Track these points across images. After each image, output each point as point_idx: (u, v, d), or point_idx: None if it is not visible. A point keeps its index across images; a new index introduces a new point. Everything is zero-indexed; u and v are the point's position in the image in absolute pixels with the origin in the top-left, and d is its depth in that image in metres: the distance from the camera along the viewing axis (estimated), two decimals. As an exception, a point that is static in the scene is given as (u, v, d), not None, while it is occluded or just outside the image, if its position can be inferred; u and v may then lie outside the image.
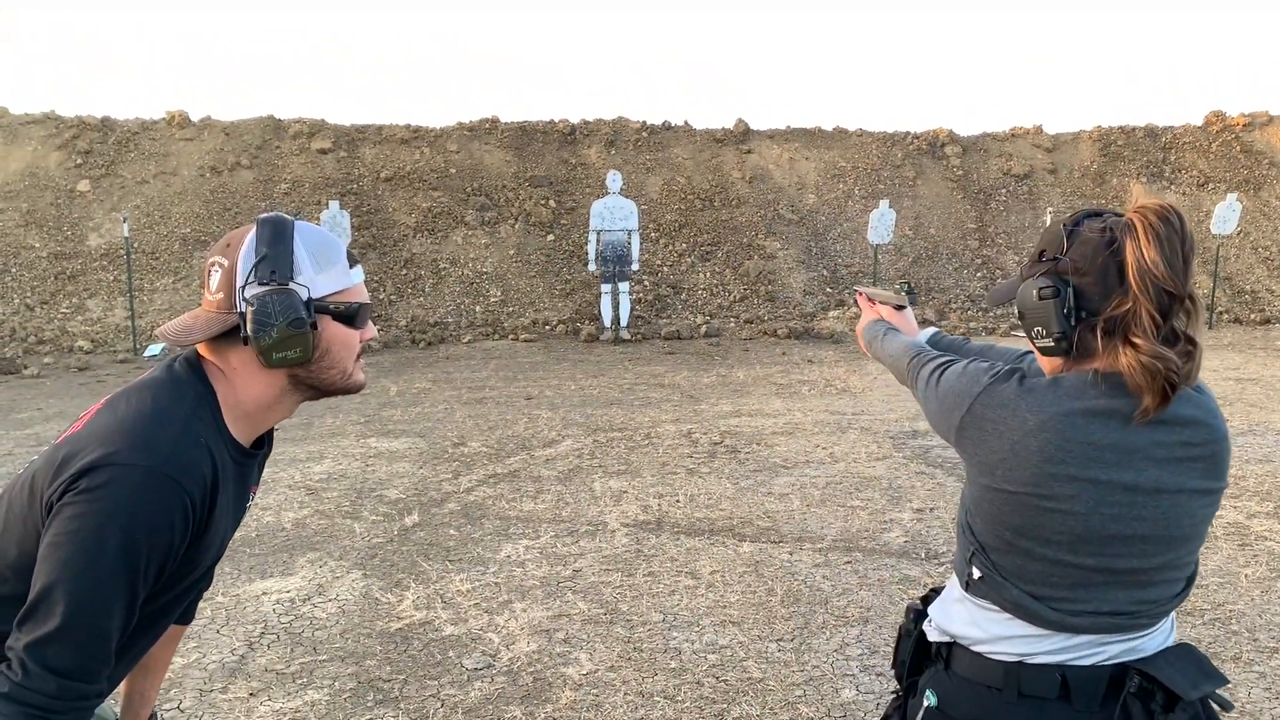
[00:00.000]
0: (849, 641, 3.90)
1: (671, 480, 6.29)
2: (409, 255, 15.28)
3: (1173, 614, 1.53)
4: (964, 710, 1.52)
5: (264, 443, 1.54)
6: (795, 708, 3.38)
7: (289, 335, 1.37)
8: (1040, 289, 1.46)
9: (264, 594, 4.44)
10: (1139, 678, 1.43)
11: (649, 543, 5.08)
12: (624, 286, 13.50)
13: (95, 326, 13.41)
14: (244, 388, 1.43)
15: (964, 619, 1.55)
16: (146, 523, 1.26)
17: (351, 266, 1.48)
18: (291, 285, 1.38)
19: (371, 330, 1.54)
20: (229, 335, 1.41)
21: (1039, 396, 1.44)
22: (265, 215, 1.42)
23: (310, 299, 1.40)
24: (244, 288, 1.38)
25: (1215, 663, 3.63)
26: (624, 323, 13.57)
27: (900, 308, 2.21)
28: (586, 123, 18.06)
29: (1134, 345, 1.38)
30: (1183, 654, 1.48)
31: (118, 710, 1.74)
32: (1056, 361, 1.50)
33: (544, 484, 6.24)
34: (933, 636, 1.62)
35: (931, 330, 2.14)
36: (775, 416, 8.37)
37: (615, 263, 13.40)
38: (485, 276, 15.11)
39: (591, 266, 13.69)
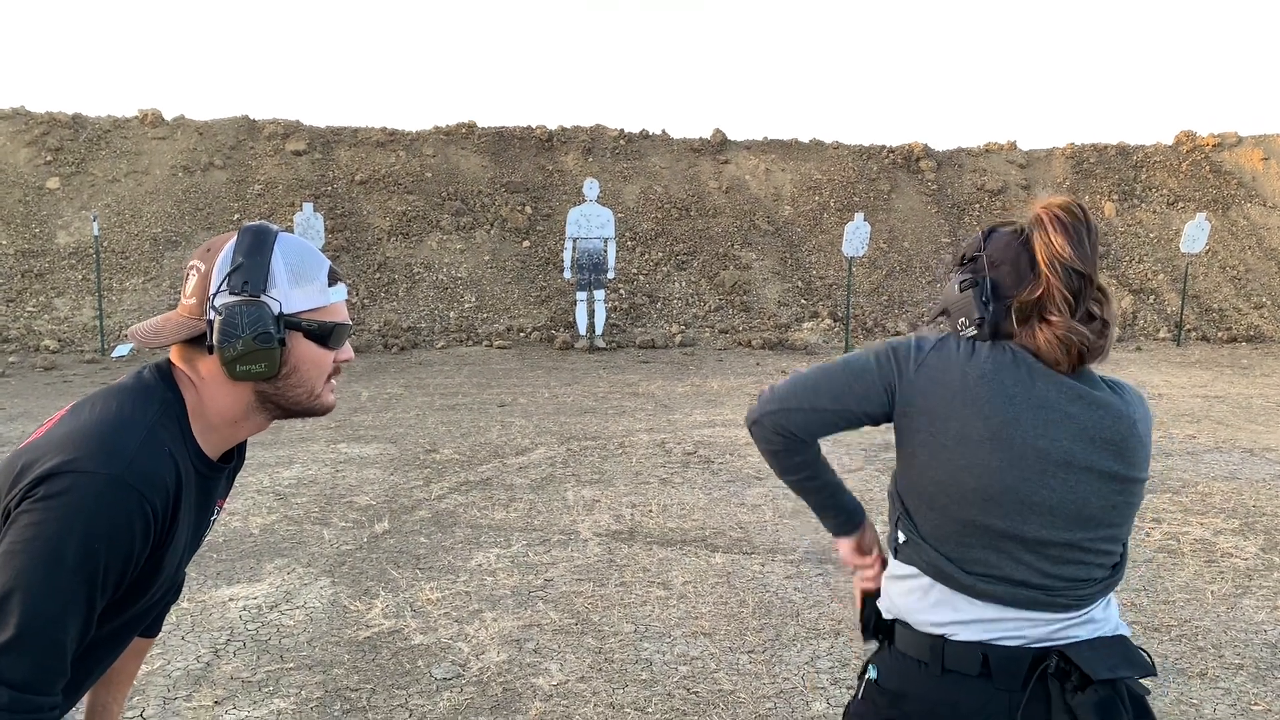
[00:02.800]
0: (820, 654, 3.90)
1: (644, 490, 6.28)
2: (383, 259, 15.19)
3: (1110, 608, 1.56)
4: (895, 683, 1.57)
5: (233, 456, 1.51)
6: (766, 720, 3.37)
7: (255, 349, 1.34)
8: (960, 282, 1.59)
9: (230, 600, 4.38)
10: (1057, 659, 1.47)
11: (621, 553, 5.07)
12: (599, 294, 13.49)
13: (62, 326, 13.23)
14: (211, 399, 1.40)
15: (896, 590, 1.61)
16: (106, 532, 1.23)
17: (332, 284, 1.45)
18: (263, 298, 1.36)
19: (348, 352, 1.50)
20: (199, 342, 1.38)
21: (974, 360, 1.54)
22: (250, 224, 1.40)
23: (281, 314, 1.37)
24: (215, 295, 1.35)
25: (1181, 679, 3.67)
26: (599, 331, 13.56)
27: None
28: (564, 129, 18.05)
29: (1049, 323, 1.49)
30: (1111, 643, 1.52)
31: (80, 721, 1.71)
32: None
33: (516, 492, 6.21)
34: (885, 614, 1.67)
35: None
36: (748, 427, 8.37)
37: (591, 270, 13.39)
38: (460, 282, 15.04)
39: (567, 274, 13.67)
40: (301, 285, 1.40)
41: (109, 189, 15.32)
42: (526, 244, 15.89)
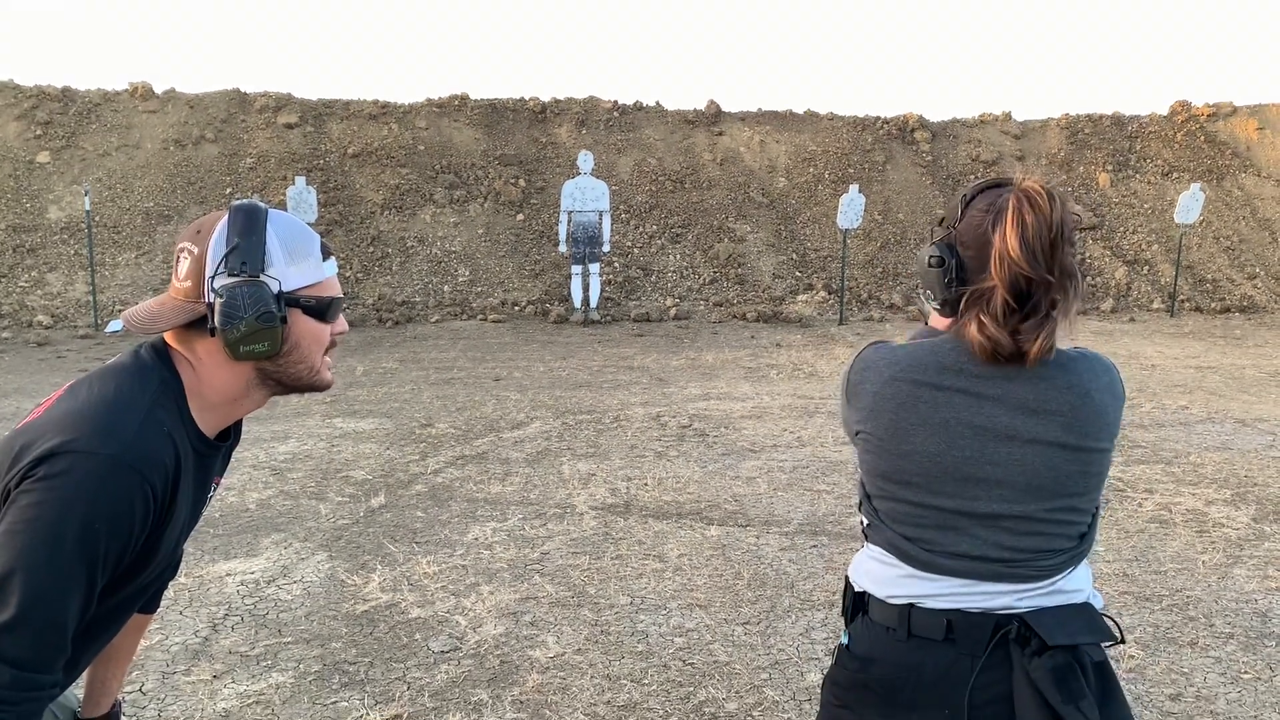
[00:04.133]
0: (814, 625, 3.93)
1: (640, 463, 6.30)
2: (376, 233, 15.14)
3: (1079, 577, 1.56)
4: (865, 648, 1.60)
5: (230, 434, 1.52)
6: (761, 691, 3.40)
7: (257, 329, 1.34)
8: (930, 257, 1.59)
9: (228, 575, 4.40)
10: (1018, 625, 1.49)
11: (617, 526, 5.09)
12: (594, 268, 13.46)
13: (55, 301, 13.18)
14: (210, 379, 1.41)
15: (865, 569, 1.64)
16: (106, 511, 1.24)
17: (325, 259, 1.46)
18: (262, 277, 1.36)
19: (343, 324, 1.52)
20: (196, 325, 1.38)
21: (897, 353, 1.58)
22: (239, 202, 1.39)
23: (281, 292, 1.38)
24: (213, 278, 1.35)
25: (1171, 648, 3.71)
26: (593, 304, 13.54)
27: None
28: (557, 101, 17.94)
29: (980, 321, 1.48)
30: (1074, 611, 1.53)
31: (80, 696, 1.72)
32: (947, 321, 1.61)
33: (512, 466, 6.22)
34: (856, 587, 1.70)
35: None
36: (743, 400, 8.40)
37: (586, 244, 13.35)
38: (453, 256, 15.00)
39: (562, 247, 13.63)
40: (297, 262, 1.41)
41: (100, 163, 15.22)
42: (520, 217, 15.83)
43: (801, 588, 4.31)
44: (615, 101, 18.11)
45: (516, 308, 14.11)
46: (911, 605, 1.55)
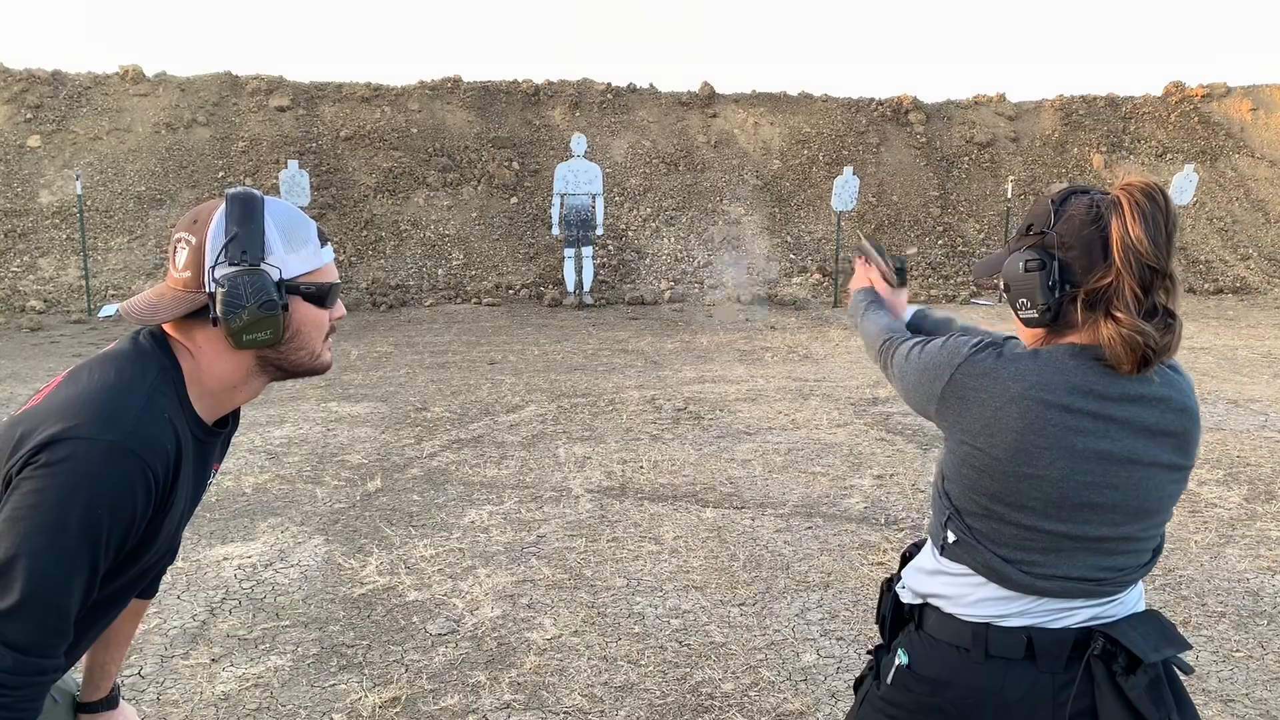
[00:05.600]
0: (809, 606, 3.96)
1: (635, 446, 6.31)
2: (369, 216, 15.10)
3: (1140, 582, 1.58)
4: (933, 670, 1.56)
5: (228, 421, 1.52)
6: (757, 671, 3.43)
7: (260, 317, 1.35)
8: (1027, 261, 1.50)
9: (225, 559, 4.41)
10: (1103, 641, 1.47)
11: (613, 508, 5.11)
12: (588, 251, 13.44)
13: (48, 286, 13.14)
14: (210, 367, 1.41)
15: (938, 583, 1.59)
16: (108, 497, 1.24)
17: (323, 245, 1.46)
18: (263, 266, 1.36)
19: (341, 309, 1.52)
20: (196, 314, 1.38)
21: (1020, 365, 1.50)
22: (235, 190, 1.39)
23: (282, 280, 1.38)
24: (214, 267, 1.35)
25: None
26: (587, 287, 13.53)
27: (892, 285, 2.15)
28: (550, 83, 17.87)
29: (1115, 318, 1.43)
30: (1147, 620, 1.53)
31: (79, 680, 1.73)
32: (1038, 333, 1.55)
33: (508, 450, 6.23)
34: (905, 599, 1.67)
35: (915, 308, 2.14)
36: (738, 383, 8.41)
37: (579, 227, 13.33)
38: (447, 239, 14.97)
39: (555, 230, 13.61)
40: (296, 249, 1.41)
41: (91, 147, 15.14)
42: (514, 200, 15.80)
43: (797, 569, 4.33)
44: (609, 84, 18.04)
45: (511, 291, 14.10)
46: (989, 625, 1.52)
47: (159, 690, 3.27)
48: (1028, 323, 1.53)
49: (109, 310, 12.31)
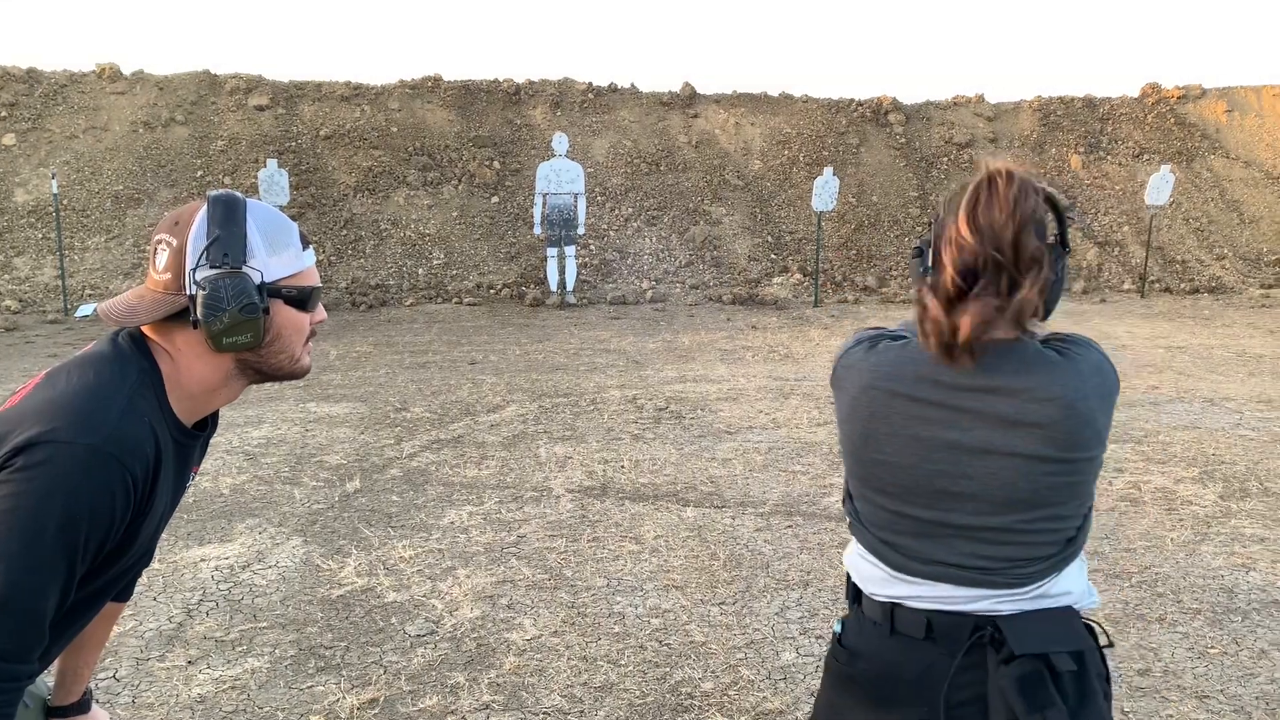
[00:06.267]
0: (789, 605, 3.96)
1: (616, 446, 6.31)
2: (349, 215, 15.02)
3: (1069, 579, 1.53)
4: (853, 640, 1.61)
5: (207, 424, 1.51)
6: (737, 670, 3.43)
7: (241, 320, 1.34)
8: (913, 248, 1.57)
9: (202, 561, 4.38)
10: (991, 629, 1.48)
11: (594, 508, 5.10)
12: (570, 250, 13.42)
13: (23, 286, 13.01)
14: (189, 369, 1.40)
15: (854, 564, 1.64)
16: (87, 501, 1.23)
17: (304, 248, 1.46)
18: (244, 269, 1.35)
19: (322, 313, 1.52)
20: (176, 316, 1.37)
21: (880, 357, 1.53)
22: (217, 193, 1.39)
23: (263, 283, 1.38)
24: (195, 270, 1.34)
25: (1140, 624, 3.76)
26: (569, 287, 13.52)
27: None
28: (531, 82, 17.83)
29: (924, 305, 1.45)
30: (1051, 615, 1.50)
31: (50, 684, 1.71)
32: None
33: (488, 450, 6.22)
34: (852, 578, 1.70)
35: None
36: (719, 382, 8.42)
37: (561, 226, 13.31)
38: (428, 238, 14.91)
39: (538, 230, 13.58)
40: (278, 252, 1.40)
41: (67, 145, 15.00)
42: (495, 199, 15.76)
43: (777, 568, 4.34)
44: (590, 83, 18.02)
45: (492, 291, 14.06)
46: (895, 604, 1.55)
47: (134, 693, 3.24)
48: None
49: (85, 310, 12.14)
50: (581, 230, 13.55)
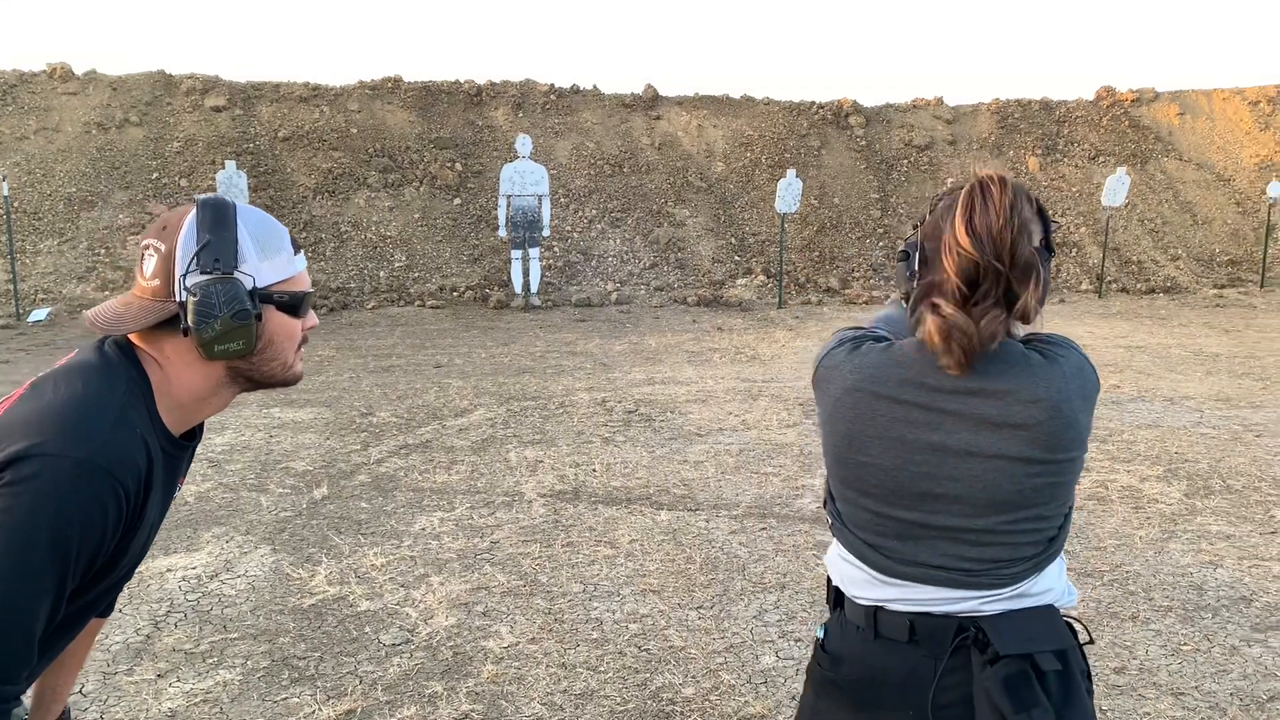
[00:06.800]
0: (767, 608, 3.95)
1: (587, 449, 6.27)
2: (309, 218, 14.84)
3: (1049, 578, 1.53)
4: (836, 644, 1.61)
5: (195, 434, 1.46)
6: (717, 675, 3.41)
7: (233, 327, 1.30)
8: (899, 251, 1.58)
9: (168, 571, 4.28)
10: (975, 630, 1.48)
11: (567, 513, 5.06)
12: (534, 252, 13.36)
13: (-28, 290, 12.70)
14: (178, 378, 1.35)
15: (837, 567, 1.63)
16: (79, 516, 1.18)
17: (296, 252, 1.42)
18: (236, 274, 1.31)
19: (313, 319, 1.48)
20: (165, 324, 1.33)
21: (863, 359, 1.53)
22: (205, 197, 1.34)
23: (255, 288, 1.34)
24: (185, 275, 1.30)
25: (1114, 622, 3.79)
26: (534, 289, 13.45)
27: None
28: (493, 84, 17.74)
29: (934, 307, 1.44)
30: (1035, 615, 1.50)
31: (28, 705, 1.65)
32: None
33: (457, 454, 6.15)
34: (834, 581, 1.69)
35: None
36: (688, 384, 8.41)
37: (526, 228, 13.24)
38: (389, 240, 14.78)
39: (502, 232, 13.50)
40: (270, 257, 1.37)
41: (18, 147, 14.68)
42: (457, 201, 15.65)
43: (753, 570, 4.33)
44: (552, 85, 17.97)
45: (455, 293, 13.96)
46: (879, 607, 1.54)
47: (102, 709, 3.16)
48: (909, 313, 1.57)
49: (39, 315, 11.94)
50: (546, 232, 13.50)
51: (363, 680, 3.36)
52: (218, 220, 1.32)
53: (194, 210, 1.34)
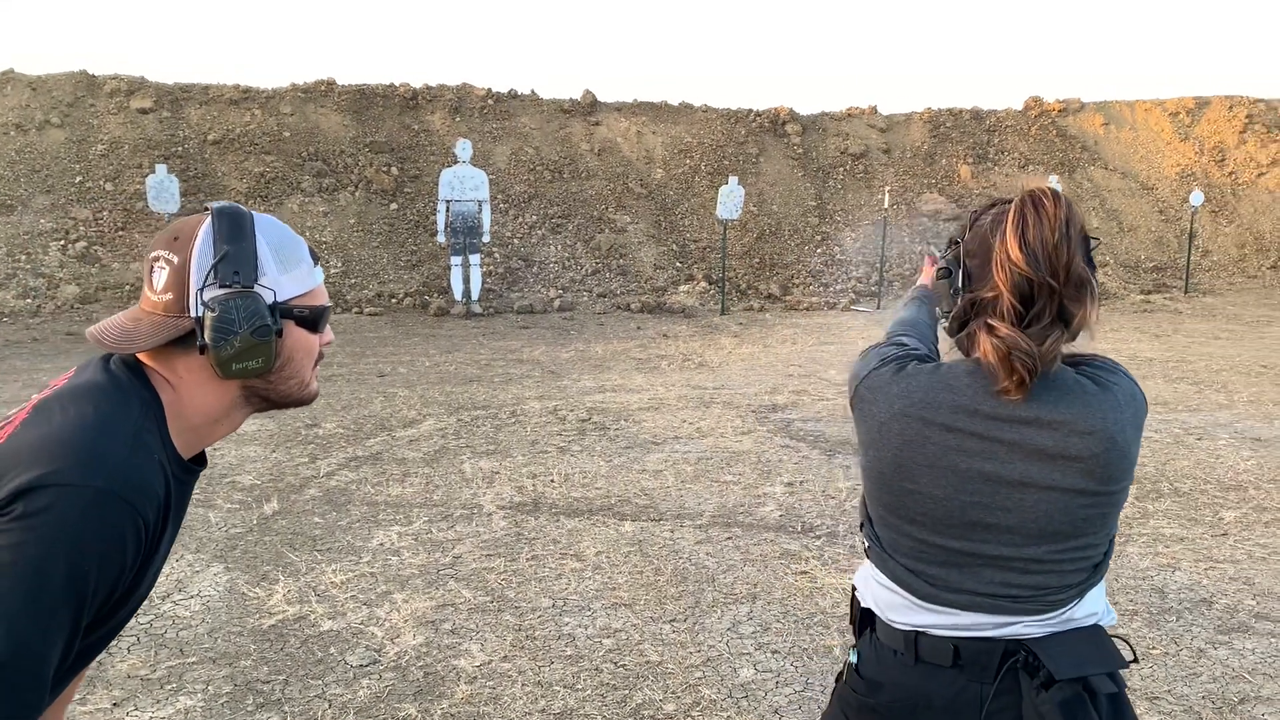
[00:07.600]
0: (740, 619, 3.91)
1: (543, 459, 6.17)
2: (242, 223, 14.48)
3: (1095, 599, 1.51)
4: (873, 670, 1.56)
5: (202, 458, 1.36)
6: (697, 690, 3.35)
7: (252, 344, 1.22)
8: (939, 270, 1.55)
9: (115, 593, 4.09)
10: (1025, 654, 1.45)
11: (528, 525, 4.97)
12: (475, 259, 13.20)
13: (-117, 298, 12.13)
14: (191, 398, 1.26)
15: (871, 591, 1.59)
16: (96, 551, 1.08)
17: (314, 264, 1.35)
18: (256, 288, 1.22)
19: (330, 334, 1.39)
20: (177, 341, 1.23)
21: (911, 382, 1.49)
22: (220, 205, 1.25)
23: (275, 303, 1.25)
24: (202, 289, 1.20)
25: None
26: (475, 296, 13.29)
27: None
28: (429, 88, 17.52)
29: (989, 328, 1.40)
30: (1083, 636, 1.48)
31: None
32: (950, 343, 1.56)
33: (410, 466, 6.01)
34: (865, 603, 1.65)
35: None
36: (639, 392, 8.35)
37: (466, 234, 13.07)
38: (324, 246, 14.48)
39: (441, 238, 13.32)
40: (289, 270, 1.28)
41: (-70, 148, 14.08)
42: (394, 206, 15.40)
43: (722, 581, 4.28)
44: (489, 89, 17.81)
45: (394, 300, 13.72)
46: (920, 632, 1.50)
47: (55, 742, 2.98)
48: (948, 332, 1.54)
49: (-45, 323, 11.43)
50: (486, 238, 13.35)
51: (332, 704, 3.23)
52: (236, 230, 1.24)
53: (209, 219, 1.25)
